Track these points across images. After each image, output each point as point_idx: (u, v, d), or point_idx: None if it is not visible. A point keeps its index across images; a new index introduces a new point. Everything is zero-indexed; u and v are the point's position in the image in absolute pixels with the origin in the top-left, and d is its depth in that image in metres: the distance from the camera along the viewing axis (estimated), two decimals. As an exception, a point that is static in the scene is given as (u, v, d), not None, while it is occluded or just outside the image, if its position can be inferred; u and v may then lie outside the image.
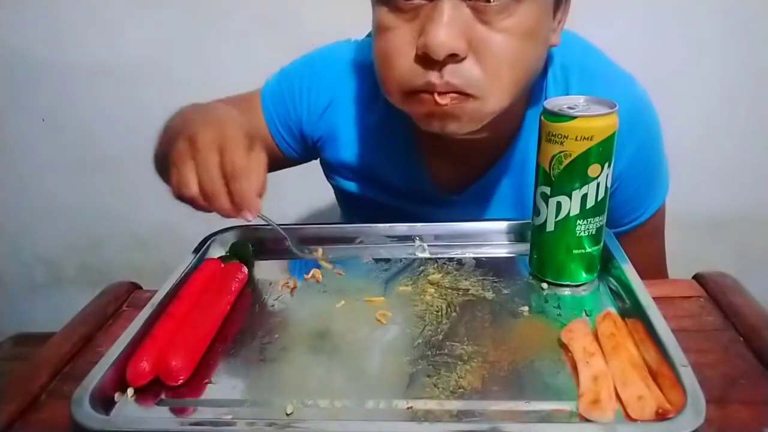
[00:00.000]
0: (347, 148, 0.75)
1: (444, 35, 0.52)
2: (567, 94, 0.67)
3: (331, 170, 0.79)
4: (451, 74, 0.54)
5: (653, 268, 0.77)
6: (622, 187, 0.68)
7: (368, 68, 0.72)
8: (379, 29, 0.58)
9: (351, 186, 0.78)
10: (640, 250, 0.67)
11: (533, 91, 0.67)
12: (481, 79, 0.55)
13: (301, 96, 0.75)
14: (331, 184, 0.83)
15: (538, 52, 0.59)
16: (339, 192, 0.82)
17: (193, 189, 0.52)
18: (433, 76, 0.54)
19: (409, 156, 0.73)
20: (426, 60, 0.54)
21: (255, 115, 0.76)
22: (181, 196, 0.54)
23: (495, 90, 0.56)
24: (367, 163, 0.75)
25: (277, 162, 0.78)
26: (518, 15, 0.54)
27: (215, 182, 0.51)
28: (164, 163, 0.62)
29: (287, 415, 0.43)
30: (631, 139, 0.63)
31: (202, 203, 0.53)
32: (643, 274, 0.55)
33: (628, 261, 0.57)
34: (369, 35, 0.77)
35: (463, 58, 0.54)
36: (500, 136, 0.68)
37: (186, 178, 0.52)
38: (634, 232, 0.72)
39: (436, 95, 0.55)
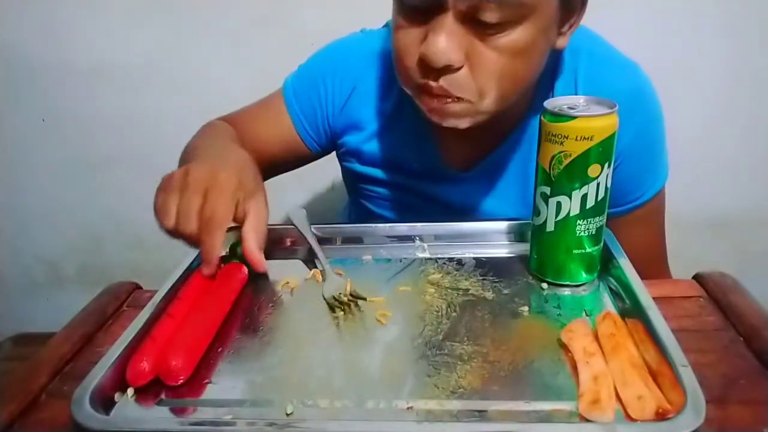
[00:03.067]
0: (366, 134, 0.77)
1: (442, 46, 0.56)
2: (575, 77, 0.70)
3: (348, 156, 0.81)
4: (445, 81, 0.58)
5: (653, 254, 0.79)
6: (622, 165, 0.70)
7: (384, 57, 0.76)
8: (395, 26, 0.62)
9: (366, 169, 0.80)
10: (640, 233, 0.69)
11: (543, 74, 0.69)
12: (473, 88, 0.59)
13: (326, 90, 0.77)
14: (344, 167, 0.84)
15: (532, 66, 0.62)
16: (351, 175, 0.84)
17: (170, 223, 0.55)
18: (430, 80, 0.59)
19: (421, 137, 0.75)
20: (424, 66, 0.58)
21: (280, 117, 0.79)
22: (158, 223, 0.56)
23: (486, 98, 0.60)
24: (383, 147, 0.77)
25: (301, 159, 0.82)
26: (514, 35, 0.57)
27: (190, 225, 0.54)
28: None
29: (287, 415, 0.43)
30: (632, 119, 0.66)
31: (176, 237, 0.56)
32: (642, 260, 0.55)
33: (629, 261, 0.57)
34: (384, 25, 0.79)
35: (459, 68, 0.58)
36: (509, 119, 0.71)
37: (167, 208, 0.55)
38: (634, 213, 0.74)
39: (433, 100, 0.60)
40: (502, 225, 0.67)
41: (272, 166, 0.78)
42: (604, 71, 0.70)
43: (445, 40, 0.55)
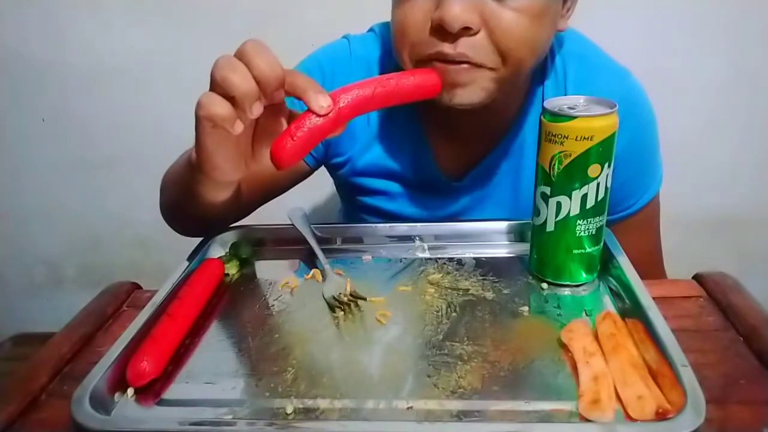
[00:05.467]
0: (359, 143, 0.76)
1: (459, 9, 0.55)
2: (565, 81, 0.70)
3: (341, 167, 0.79)
4: (464, 46, 0.57)
5: (649, 260, 0.78)
6: (616, 173, 0.69)
7: (372, 62, 0.74)
8: (398, 1, 0.60)
9: (360, 180, 0.78)
10: (636, 240, 0.69)
11: (534, 75, 0.69)
12: (491, 52, 0.58)
13: None
14: (337, 179, 0.83)
15: (545, 33, 0.61)
16: (345, 187, 0.82)
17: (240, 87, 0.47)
18: (446, 47, 0.57)
19: (416, 143, 0.74)
20: (440, 32, 0.57)
21: None
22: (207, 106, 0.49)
23: (504, 64, 0.59)
24: (377, 155, 0.76)
25: (296, 179, 0.79)
26: None
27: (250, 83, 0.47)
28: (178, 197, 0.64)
29: (287, 415, 0.43)
30: (625, 127, 0.66)
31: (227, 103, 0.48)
32: (639, 266, 0.55)
33: (629, 261, 0.57)
34: (369, 30, 0.78)
35: (476, 32, 0.57)
36: (501, 118, 0.71)
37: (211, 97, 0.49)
38: (628, 220, 0.74)
39: (449, 65, 0.58)
40: (502, 225, 0.67)
41: (264, 192, 0.75)
42: (595, 77, 0.70)
43: (462, 2, 0.54)
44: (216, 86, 0.49)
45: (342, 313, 0.55)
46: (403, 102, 0.55)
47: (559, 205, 0.55)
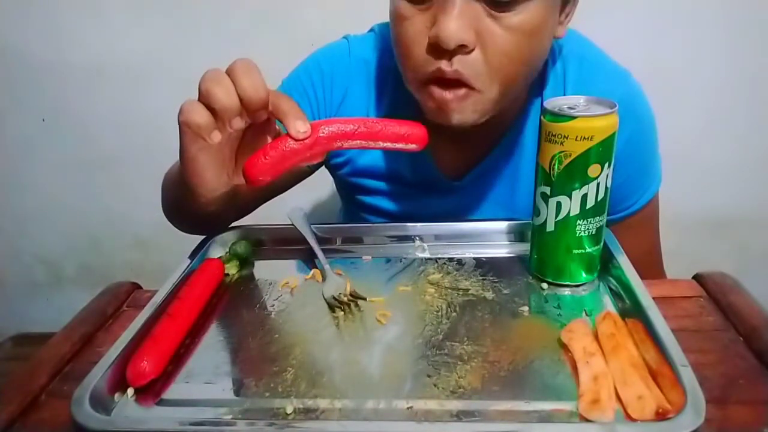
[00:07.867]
0: None
1: (454, 27, 0.55)
2: (564, 82, 0.70)
3: (341, 167, 0.79)
4: (460, 63, 0.57)
5: (648, 260, 0.79)
6: (615, 173, 0.69)
7: (372, 64, 0.74)
8: (396, 18, 0.61)
9: (360, 180, 0.79)
10: (635, 241, 0.69)
11: (534, 78, 0.69)
12: (486, 71, 0.58)
13: (317, 99, 0.75)
14: (336, 179, 0.83)
15: (542, 47, 0.61)
16: (345, 186, 0.82)
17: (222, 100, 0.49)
18: (443, 64, 0.58)
19: None
20: (437, 49, 0.57)
21: None
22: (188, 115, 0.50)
23: (497, 82, 0.59)
24: (377, 156, 0.76)
25: (299, 175, 0.79)
26: (525, 13, 0.56)
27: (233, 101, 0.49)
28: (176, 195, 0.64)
29: (287, 415, 0.43)
30: (623, 127, 0.66)
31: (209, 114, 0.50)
32: (639, 266, 0.55)
33: (629, 261, 0.57)
34: (370, 30, 0.78)
35: (472, 50, 0.57)
36: (501, 120, 0.71)
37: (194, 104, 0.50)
38: (627, 221, 0.75)
39: (444, 92, 0.59)
40: (502, 225, 0.67)
41: (264, 191, 0.75)
42: (595, 78, 0.70)
43: (457, 20, 0.55)
44: (200, 96, 0.50)
45: (342, 313, 0.55)
46: (384, 148, 0.56)
47: (559, 205, 0.55)
